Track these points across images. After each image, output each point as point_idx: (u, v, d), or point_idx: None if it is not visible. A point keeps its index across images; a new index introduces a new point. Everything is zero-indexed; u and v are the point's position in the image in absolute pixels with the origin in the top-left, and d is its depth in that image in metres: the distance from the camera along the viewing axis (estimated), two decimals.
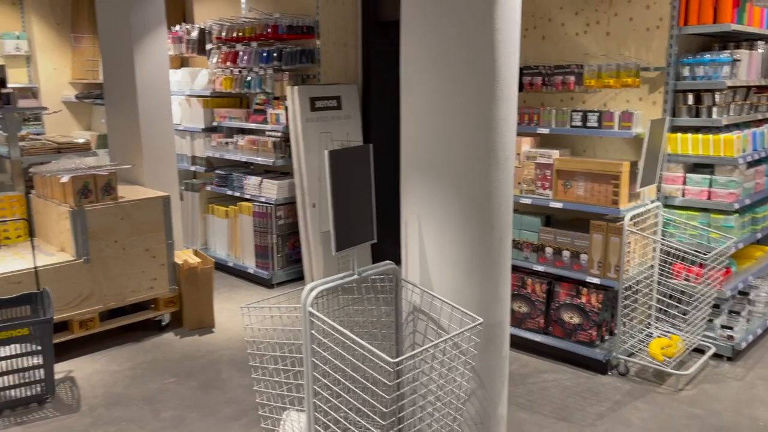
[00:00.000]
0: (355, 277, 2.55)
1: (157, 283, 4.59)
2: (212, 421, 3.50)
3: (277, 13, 5.54)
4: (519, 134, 4.28)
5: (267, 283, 5.64)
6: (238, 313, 5.02)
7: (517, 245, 4.28)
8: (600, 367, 3.98)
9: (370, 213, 2.56)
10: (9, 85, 5.08)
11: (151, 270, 4.56)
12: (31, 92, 7.98)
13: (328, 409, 2.55)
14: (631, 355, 4.09)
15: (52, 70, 8.13)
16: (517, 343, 4.32)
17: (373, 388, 2.31)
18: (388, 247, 5.68)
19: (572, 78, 4.13)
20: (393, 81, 5.64)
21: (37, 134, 6.86)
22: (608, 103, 4.20)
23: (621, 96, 4.14)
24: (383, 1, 5.53)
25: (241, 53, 5.78)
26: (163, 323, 4.73)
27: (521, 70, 4.33)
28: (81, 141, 5.15)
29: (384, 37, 5.60)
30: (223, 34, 5.93)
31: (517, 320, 4.32)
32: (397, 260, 3.47)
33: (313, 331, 2.85)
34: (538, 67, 4.27)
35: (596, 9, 4.15)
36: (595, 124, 4.01)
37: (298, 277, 5.72)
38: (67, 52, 8.20)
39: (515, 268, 4.33)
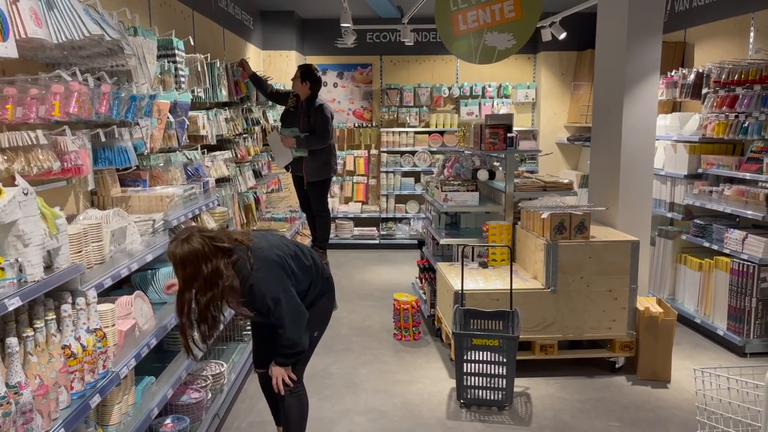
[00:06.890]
0: None
1: (615, 325, 4.65)
2: None
3: None
4: None
5: (738, 350, 5.06)
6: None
7: None
8: None
9: None
10: (515, 129, 5.89)
11: (612, 311, 4.64)
12: (532, 135, 9.07)
13: None
14: None
15: (552, 115, 9.05)
16: None
17: None
18: None
19: None
20: None
21: (531, 172, 7.72)
22: None
23: None
24: None
25: (740, 97, 5.36)
26: (617, 365, 4.75)
27: None
28: (565, 181, 5.60)
29: None
30: (723, 77, 5.60)
31: None
32: None
33: None
34: None
35: None
36: None
37: None
38: (566, 99, 9.00)
39: None
